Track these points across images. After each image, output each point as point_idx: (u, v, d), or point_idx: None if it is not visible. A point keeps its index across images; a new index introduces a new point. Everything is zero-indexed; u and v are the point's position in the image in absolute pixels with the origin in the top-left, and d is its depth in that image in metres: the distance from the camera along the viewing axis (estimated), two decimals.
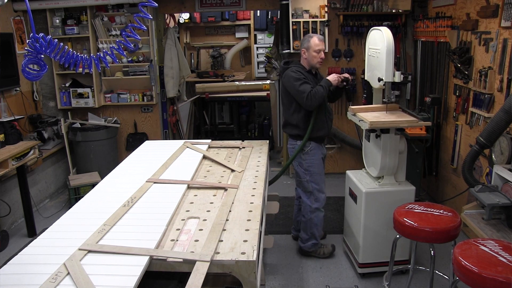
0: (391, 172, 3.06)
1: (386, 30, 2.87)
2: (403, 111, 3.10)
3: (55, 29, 4.90)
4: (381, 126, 2.90)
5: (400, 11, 4.80)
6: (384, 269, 3.07)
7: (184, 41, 8.10)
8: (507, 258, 1.86)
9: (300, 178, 3.41)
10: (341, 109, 5.19)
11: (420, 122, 2.89)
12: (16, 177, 4.00)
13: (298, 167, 3.40)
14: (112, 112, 5.36)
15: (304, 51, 3.28)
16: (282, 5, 4.85)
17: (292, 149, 3.42)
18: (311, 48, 3.22)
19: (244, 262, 1.72)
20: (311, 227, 3.41)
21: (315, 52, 3.22)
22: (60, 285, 1.58)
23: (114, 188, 2.60)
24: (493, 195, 2.44)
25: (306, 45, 3.25)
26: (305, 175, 3.35)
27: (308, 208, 3.38)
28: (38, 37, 1.64)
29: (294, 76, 3.18)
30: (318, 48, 3.21)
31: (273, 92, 5.84)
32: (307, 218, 3.40)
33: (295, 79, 3.17)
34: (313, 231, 3.41)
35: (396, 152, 3.01)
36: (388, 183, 3.07)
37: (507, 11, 3.08)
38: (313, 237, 3.44)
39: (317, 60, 3.25)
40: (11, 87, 4.40)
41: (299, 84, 3.14)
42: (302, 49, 3.29)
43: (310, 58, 3.25)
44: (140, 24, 1.86)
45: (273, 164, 5.76)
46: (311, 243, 3.46)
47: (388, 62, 2.82)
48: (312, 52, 3.23)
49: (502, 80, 3.15)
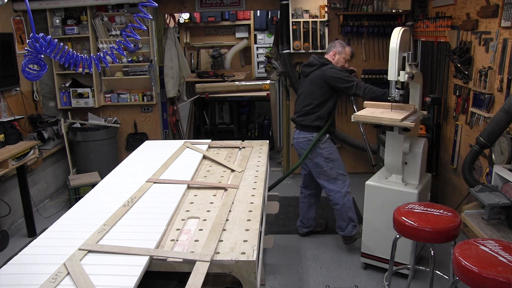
0: (396, 171, 3.10)
1: (396, 30, 2.90)
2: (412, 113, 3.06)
3: (55, 29, 4.90)
4: (363, 120, 3.20)
5: (400, 11, 4.81)
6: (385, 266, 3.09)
7: (184, 41, 8.10)
8: (507, 258, 1.86)
9: (321, 168, 3.48)
10: (341, 109, 5.19)
11: (403, 123, 2.87)
12: (16, 177, 4.00)
13: (317, 158, 3.47)
14: (112, 112, 5.37)
15: (335, 53, 3.49)
16: (282, 5, 4.85)
17: (305, 142, 3.49)
18: (343, 54, 3.48)
19: (244, 262, 1.72)
20: (347, 212, 3.49)
21: (344, 59, 3.49)
22: (60, 285, 1.58)
23: (114, 188, 2.60)
24: (493, 195, 2.44)
25: (339, 49, 3.48)
26: (327, 163, 3.46)
27: (338, 194, 3.47)
28: (38, 37, 1.64)
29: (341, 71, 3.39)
30: (348, 57, 3.51)
31: (273, 92, 5.84)
32: (341, 204, 3.48)
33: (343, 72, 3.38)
34: (349, 215, 3.50)
35: (399, 151, 3.03)
36: (393, 182, 3.13)
37: (507, 11, 3.08)
38: (351, 220, 3.51)
39: (340, 66, 3.48)
40: (11, 87, 4.40)
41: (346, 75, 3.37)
42: (334, 50, 3.49)
43: (337, 61, 3.48)
44: (140, 24, 1.86)
45: (273, 164, 5.76)
46: (351, 226, 3.52)
47: (392, 61, 2.87)
48: (341, 58, 3.48)
49: (502, 80, 3.15)
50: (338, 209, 3.51)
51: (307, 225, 3.83)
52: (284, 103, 5.38)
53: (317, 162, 3.48)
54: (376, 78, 5.01)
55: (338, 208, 3.50)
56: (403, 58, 2.85)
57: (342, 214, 3.49)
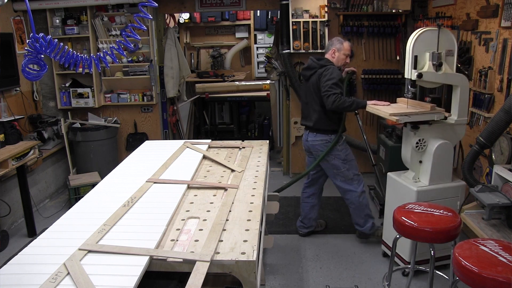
0: (410, 166, 3.19)
1: (417, 33, 2.94)
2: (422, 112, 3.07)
3: (55, 29, 4.90)
4: (371, 111, 3.29)
5: (400, 11, 4.81)
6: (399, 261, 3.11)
7: (184, 41, 8.10)
8: (507, 258, 1.86)
9: (338, 169, 3.54)
10: None
11: (391, 117, 2.97)
12: (16, 177, 4.00)
13: (334, 159, 3.52)
14: (112, 112, 5.37)
15: (334, 51, 3.49)
16: (282, 5, 4.85)
17: (322, 144, 3.52)
18: (342, 51, 3.48)
19: (244, 262, 1.72)
20: (364, 209, 3.58)
21: (344, 55, 3.49)
22: (60, 285, 1.58)
23: (114, 188, 2.60)
24: (493, 195, 2.44)
25: (338, 46, 3.48)
26: (344, 164, 3.52)
27: (355, 194, 3.54)
28: (38, 37, 1.64)
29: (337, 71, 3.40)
30: (348, 52, 3.50)
31: (273, 92, 5.84)
32: (356, 204, 3.56)
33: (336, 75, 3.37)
34: (366, 212, 3.59)
35: (409, 147, 3.12)
36: (406, 177, 3.21)
37: (507, 11, 3.08)
38: (369, 217, 3.61)
39: (342, 63, 3.52)
40: (11, 87, 4.40)
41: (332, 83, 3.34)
42: (332, 48, 3.49)
43: (338, 59, 3.49)
44: (140, 24, 1.86)
45: (273, 164, 5.76)
46: (370, 224, 3.62)
47: (406, 60, 2.97)
48: (341, 54, 3.48)
49: (502, 80, 3.15)
50: (354, 208, 3.59)
51: (308, 225, 3.84)
52: (284, 103, 5.38)
53: (334, 164, 3.52)
54: (376, 78, 5.01)
55: (354, 207, 3.59)
56: (415, 57, 2.89)
57: (359, 212, 3.59)
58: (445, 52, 2.95)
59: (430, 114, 3.01)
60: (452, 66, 2.99)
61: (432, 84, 3.08)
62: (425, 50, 2.91)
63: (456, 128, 3.10)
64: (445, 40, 2.95)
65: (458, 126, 3.10)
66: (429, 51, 2.90)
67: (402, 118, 2.95)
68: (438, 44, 2.92)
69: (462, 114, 3.05)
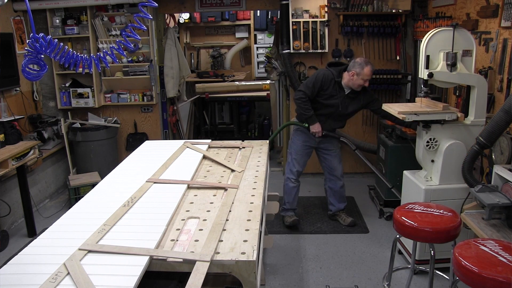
0: (422, 165, 3.24)
1: (431, 32, 2.96)
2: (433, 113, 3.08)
3: (55, 29, 4.90)
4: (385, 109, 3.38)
5: (400, 11, 4.80)
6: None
7: (184, 41, 8.10)
8: (507, 258, 1.86)
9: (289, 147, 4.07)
10: None
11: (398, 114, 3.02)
12: (16, 177, 4.00)
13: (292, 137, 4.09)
14: (112, 112, 5.36)
15: (353, 74, 3.53)
16: (282, 5, 4.85)
17: None
18: (361, 76, 3.51)
19: (244, 262, 1.72)
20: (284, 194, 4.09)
21: (362, 80, 3.53)
22: (60, 285, 1.58)
23: (114, 188, 2.60)
24: (493, 195, 2.44)
25: (358, 70, 3.51)
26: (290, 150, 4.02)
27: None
28: (38, 37, 1.64)
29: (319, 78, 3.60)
30: (367, 77, 3.52)
31: (273, 92, 5.84)
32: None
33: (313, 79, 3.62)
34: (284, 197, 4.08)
35: (421, 146, 3.15)
36: (420, 176, 3.25)
37: (507, 11, 3.08)
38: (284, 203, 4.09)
39: (357, 86, 3.58)
40: (11, 87, 4.40)
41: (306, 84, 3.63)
42: (352, 71, 3.53)
43: (354, 82, 3.55)
44: (140, 24, 1.86)
45: (273, 164, 5.76)
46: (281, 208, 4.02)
47: (421, 61, 3.00)
48: (359, 79, 3.53)
49: (502, 80, 3.15)
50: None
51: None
52: (284, 103, 5.38)
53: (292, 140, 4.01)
54: (376, 78, 5.00)
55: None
56: (427, 57, 2.91)
57: None
58: (461, 52, 2.95)
59: (441, 114, 3.02)
60: (470, 67, 2.98)
61: (446, 84, 3.09)
62: (439, 50, 2.93)
63: (472, 129, 3.06)
64: (462, 40, 2.95)
65: (474, 127, 3.05)
66: (444, 51, 2.92)
67: (410, 116, 2.98)
68: (453, 44, 2.91)
69: (479, 115, 3.03)
